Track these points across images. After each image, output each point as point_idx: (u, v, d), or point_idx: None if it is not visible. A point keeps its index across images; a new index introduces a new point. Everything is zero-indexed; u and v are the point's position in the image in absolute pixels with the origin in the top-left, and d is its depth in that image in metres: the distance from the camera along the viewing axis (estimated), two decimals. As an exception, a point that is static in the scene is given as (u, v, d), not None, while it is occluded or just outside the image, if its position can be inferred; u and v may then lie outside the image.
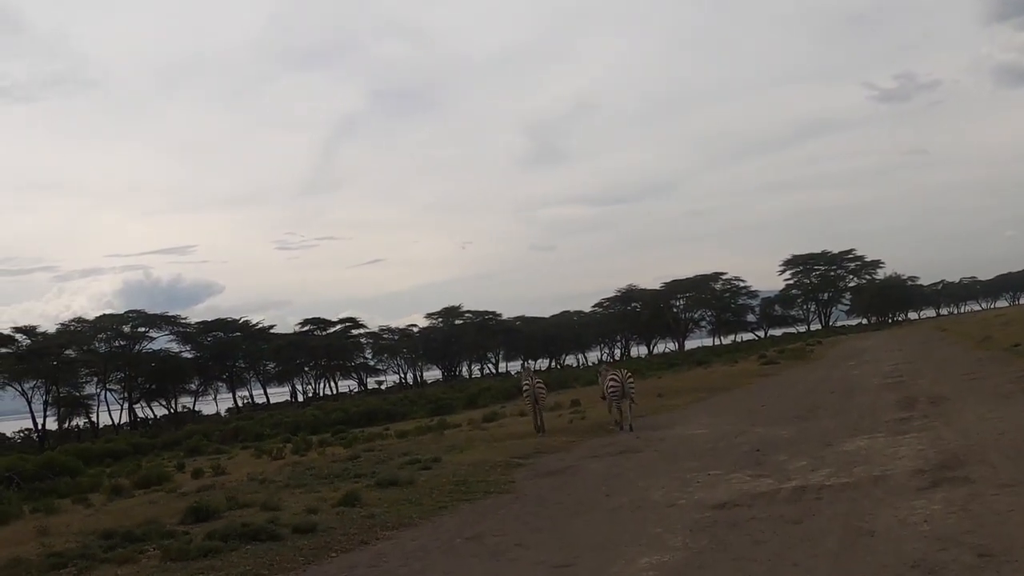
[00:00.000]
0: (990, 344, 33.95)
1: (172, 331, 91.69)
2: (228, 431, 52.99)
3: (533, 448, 18.74)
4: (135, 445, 50.24)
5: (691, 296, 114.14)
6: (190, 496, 17.09)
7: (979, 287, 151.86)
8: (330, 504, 13.72)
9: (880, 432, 14.95)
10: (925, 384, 22.11)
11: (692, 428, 19.52)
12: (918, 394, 19.88)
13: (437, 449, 20.10)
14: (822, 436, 15.54)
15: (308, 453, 26.84)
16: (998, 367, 23.79)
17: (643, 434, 19.44)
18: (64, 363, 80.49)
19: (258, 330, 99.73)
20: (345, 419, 49.22)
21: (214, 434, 51.46)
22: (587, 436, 20.37)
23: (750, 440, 16.22)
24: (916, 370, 27.46)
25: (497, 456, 17.88)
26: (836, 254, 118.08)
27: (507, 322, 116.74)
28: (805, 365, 40.35)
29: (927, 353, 35.75)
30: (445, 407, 48.11)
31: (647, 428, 20.74)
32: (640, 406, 26.65)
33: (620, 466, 15.02)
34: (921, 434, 14.00)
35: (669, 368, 58.28)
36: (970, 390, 19.09)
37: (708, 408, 24.34)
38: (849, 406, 19.78)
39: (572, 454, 17.59)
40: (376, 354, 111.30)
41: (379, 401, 63.33)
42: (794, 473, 12.13)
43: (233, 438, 49.09)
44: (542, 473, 15.36)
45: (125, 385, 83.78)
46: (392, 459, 19.27)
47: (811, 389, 25.99)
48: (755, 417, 20.21)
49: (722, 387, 31.44)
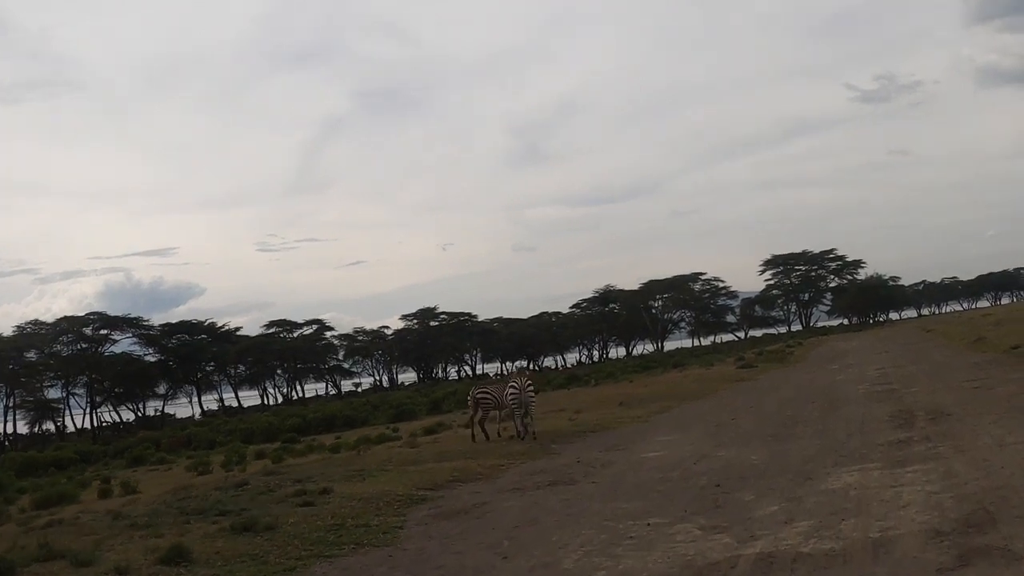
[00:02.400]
0: (984, 346, 30.88)
1: (135, 334, 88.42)
2: (177, 439, 50.54)
3: (450, 475, 15.40)
4: (83, 453, 47.43)
5: (669, 297, 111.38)
6: (36, 532, 13.74)
7: (960, 287, 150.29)
8: (152, 560, 10.38)
9: (873, 461, 11.70)
10: (921, 394, 18.89)
11: (647, 448, 16.24)
12: (914, 407, 16.65)
13: (341, 474, 16.71)
14: (800, 464, 12.30)
15: (238, 467, 23.94)
16: (1002, 373, 20.63)
17: (588, 456, 16.16)
18: (24, 367, 78.41)
19: (224, 332, 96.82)
20: (302, 426, 46.64)
21: (163, 442, 49.35)
22: (521, 458, 17.06)
23: (712, 468, 12.95)
24: (907, 376, 24.30)
25: (402, 486, 14.53)
26: (817, 254, 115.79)
27: (484, 323, 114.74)
28: (784, 369, 37.18)
29: (916, 356, 32.63)
30: (407, 413, 45.44)
31: (597, 447, 17.50)
32: (597, 418, 23.50)
33: (541, 505, 11.71)
34: (927, 466, 10.74)
35: (644, 371, 55.36)
36: (977, 402, 15.87)
37: (672, 421, 21.08)
38: (833, 421, 16.55)
39: (493, 484, 14.27)
40: (348, 356, 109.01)
41: (341, 406, 60.50)
42: (760, 526, 8.86)
43: (183, 445, 46.77)
44: (443, 514, 12.03)
45: (88, 389, 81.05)
46: (283, 487, 15.90)
47: (790, 398, 22.79)
48: (723, 434, 16.97)
49: (693, 394, 28.22)
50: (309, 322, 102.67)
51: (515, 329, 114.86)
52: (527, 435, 20.06)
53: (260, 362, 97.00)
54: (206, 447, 41.67)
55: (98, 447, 53.60)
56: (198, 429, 55.32)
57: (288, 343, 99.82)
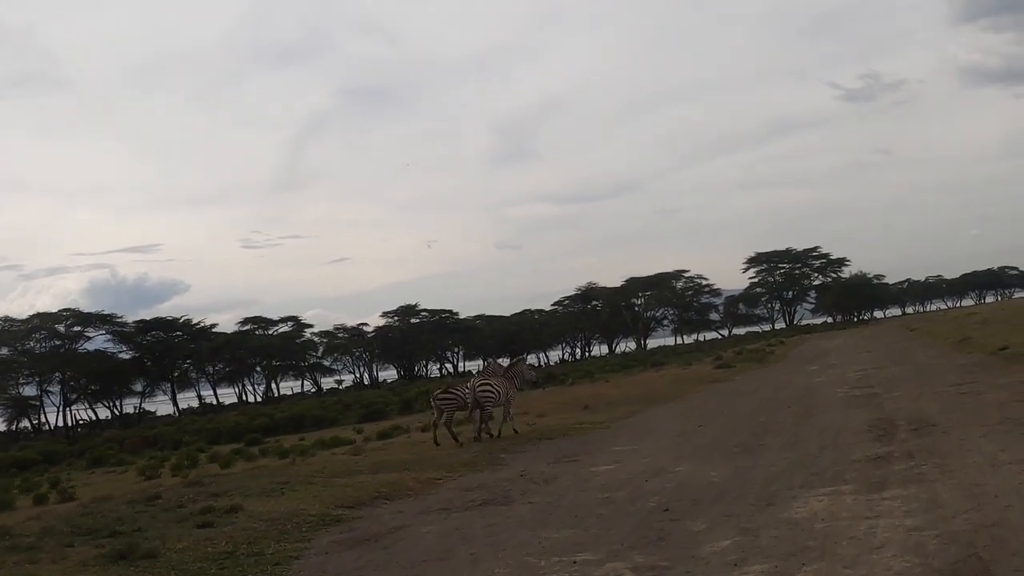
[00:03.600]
0: (970, 346, 29.44)
1: (109, 331, 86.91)
2: (140, 439, 49.16)
3: (378, 490, 13.76)
4: (47, 453, 45.82)
5: (651, 294, 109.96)
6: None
7: (945, 286, 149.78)
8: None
9: (847, 482, 10.12)
10: (903, 400, 17.34)
11: (600, 460, 14.64)
12: (896, 415, 15.09)
13: (261, 488, 15.02)
14: (764, 484, 10.72)
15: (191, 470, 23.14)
16: (991, 377, 19.12)
17: (535, 468, 14.55)
18: (-5, 363, 77.42)
19: (200, 329, 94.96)
20: (269, 426, 45.18)
21: (126, 442, 48.04)
22: (463, 469, 15.44)
23: (665, 487, 11.35)
24: (889, 378, 22.79)
25: (320, 504, 12.90)
26: (800, 252, 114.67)
27: (465, 321, 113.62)
28: (763, 369, 35.68)
29: (899, 357, 31.16)
30: (378, 412, 43.93)
31: (548, 457, 15.90)
32: (559, 423, 21.95)
33: (463, 532, 10.08)
34: (908, 490, 9.15)
35: (623, 369, 53.91)
36: (964, 411, 14.33)
37: (636, 427, 19.50)
38: (806, 431, 14.98)
39: (421, 502, 12.64)
40: (326, 353, 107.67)
41: (311, 405, 58.91)
42: (704, 568, 7.27)
43: (147, 446, 45.40)
44: (350, 540, 10.40)
45: (62, 387, 79.46)
46: (196, 501, 14.25)
47: (764, 402, 21.24)
48: (686, 444, 15.39)
49: (664, 397, 26.67)
50: (284, 319, 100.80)
51: (497, 327, 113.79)
52: (483, 436, 19.59)
53: (238, 360, 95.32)
54: (172, 447, 40.35)
55: (64, 447, 52.08)
56: (165, 429, 53.83)
57: (264, 340, 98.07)
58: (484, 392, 19.87)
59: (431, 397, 21.06)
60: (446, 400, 20.12)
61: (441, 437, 19.79)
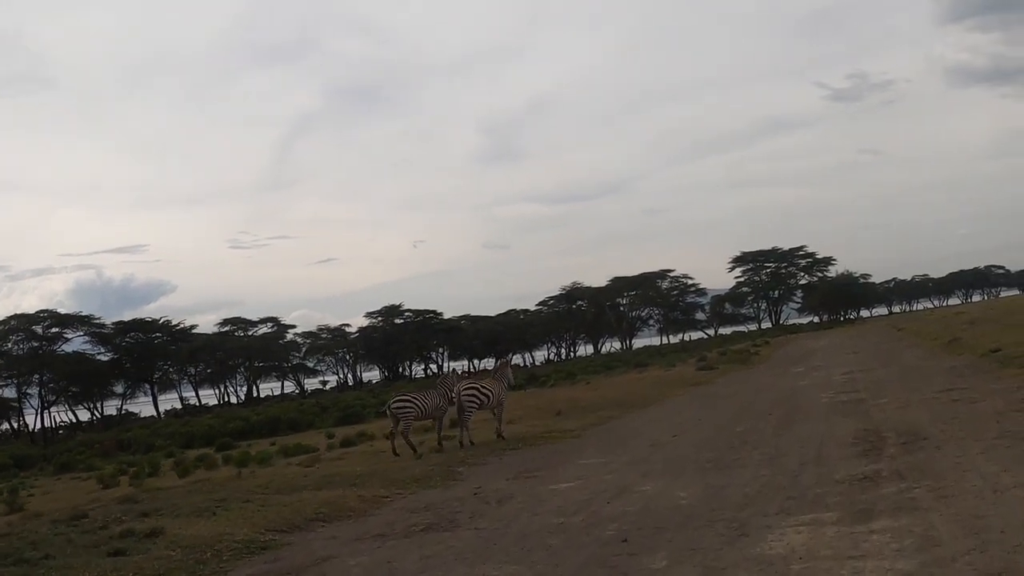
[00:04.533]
0: (960, 348, 28.36)
1: (87, 332, 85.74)
2: (111, 443, 48.12)
3: (318, 510, 12.48)
4: (19, 458, 44.58)
5: (636, 294, 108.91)
6: None
7: (931, 285, 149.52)
8: None
9: (829, 507, 8.93)
10: (891, 407, 16.18)
11: (562, 476, 13.40)
12: (883, 425, 13.92)
13: (194, 506, 13.74)
14: (737, 508, 9.52)
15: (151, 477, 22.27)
16: (983, 382, 17.99)
17: (491, 485, 13.31)
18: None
19: (180, 331, 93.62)
20: (245, 429, 44.07)
21: (96, 446, 47.01)
22: (415, 486, 14.19)
23: (626, 511, 10.14)
24: (876, 382, 21.66)
25: (250, 526, 11.62)
26: (787, 251, 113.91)
27: (450, 321, 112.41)
28: (746, 371, 34.54)
29: (886, 358, 30.08)
30: (354, 416, 42.70)
31: (508, 471, 14.68)
32: (527, 431, 20.72)
33: (391, 567, 8.85)
34: (899, 521, 7.95)
35: (607, 370, 52.82)
36: (958, 421, 13.16)
37: (607, 437, 18.28)
38: (787, 442, 13.80)
39: (359, 526, 11.40)
40: (308, 354, 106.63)
41: (288, 408, 57.74)
42: (658, 626, 6.05)
43: (120, 449, 44.37)
44: (270, 574, 9.15)
45: (40, 388, 77.92)
46: (123, 521, 12.99)
47: (744, 408, 20.07)
48: (657, 457, 14.18)
49: (641, 401, 25.49)
50: (264, 320, 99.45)
51: (482, 327, 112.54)
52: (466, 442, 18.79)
53: (220, 361, 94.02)
54: (144, 451, 39.13)
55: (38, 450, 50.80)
56: (139, 432, 52.63)
57: (243, 342, 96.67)
58: (469, 397, 18.87)
59: (386, 406, 19.93)
60: (403, 408, 18.90)
61: (400, 447, 18.57)
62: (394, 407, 19.06)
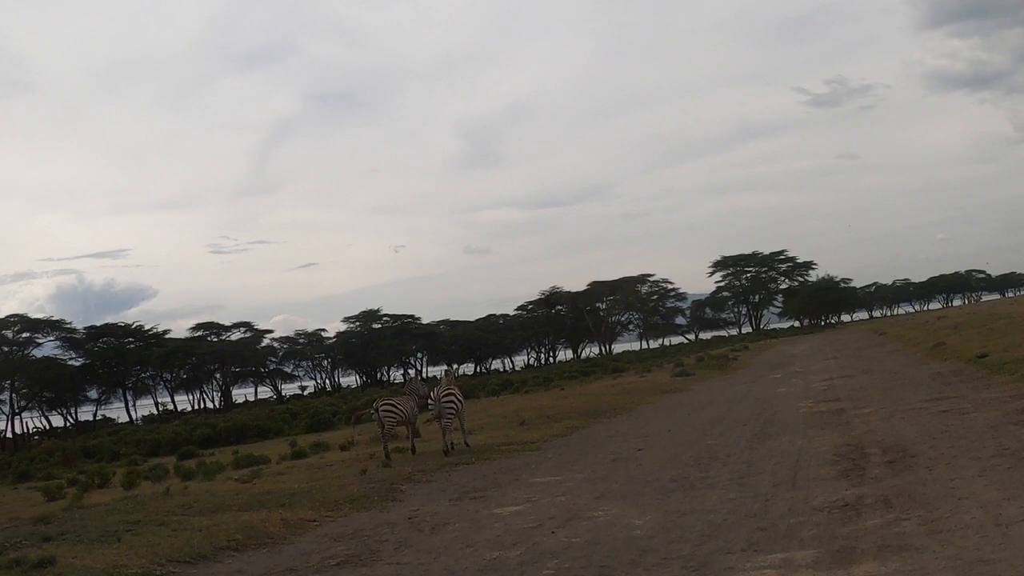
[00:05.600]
0: (945, 353, 27.16)
1: (58, 337, 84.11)
2: (73, 451, 46.30)
3: (233, 536, 11.00)
4: None
5: (615, 299, 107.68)
6: None
7: (912, 289, 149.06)
8: None
9: (804, 543, 7.55)
10: (874, 419, 14.85)
11: (510, 498, 11.96)
12: (867, 439, 12.59)
13: (101, 529, 12.23)
14: (699, 539, 8.15)
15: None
16: (973, 390, 16.73)
17: (429, 508, 11.88)
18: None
19: (152, 335, 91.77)
20: (211, 436, 42.39)
21: (57, 454, 45.22)
22: (350, 507, 12.73)
23: (572, 543, 8.74)
24: (858, 389, 20.38)
25: (151, 556, 10.15)
26: (767, 255, 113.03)
27: (429, 326, 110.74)
28: (723, 378, 33.23)
29: (868, 364, 28.86)
30: (324, 423, 41.09)
31: (452, 491, 13.25)
32: (486, 441, 19.34)
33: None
34: (887, 566, 6.56)
35: (583, 376, 51.42)
36: (949, 435, 11.84)
37: (568, 450, 16.87)
38: (761, 459, 12.44)
39: (268, 558, 9.94)
40: (285, 360, 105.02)
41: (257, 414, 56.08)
42: None
43: (86, 457, 42.61)
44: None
45: (12, 394, 76.02)
46: (22, 546, 11.51)
47: (717, 418, 18.72)
48: (617, 475, 12.79)
49: (611, 410, 24.09)
50: (237, 324, 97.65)
51: (461, 332, 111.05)
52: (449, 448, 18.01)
53: (197, 366, 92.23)
54: (109, 459, 37.59)
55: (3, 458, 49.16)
56: (104, 439, 50.99)
57: (216, 347, 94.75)
58: (448, 403, 18.29)
59: (368, 410, 19.73)
60: (388, 414, 18.54)
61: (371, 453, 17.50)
62: (382, 411, 18.60)
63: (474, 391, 50.07)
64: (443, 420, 18.25)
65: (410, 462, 17.19)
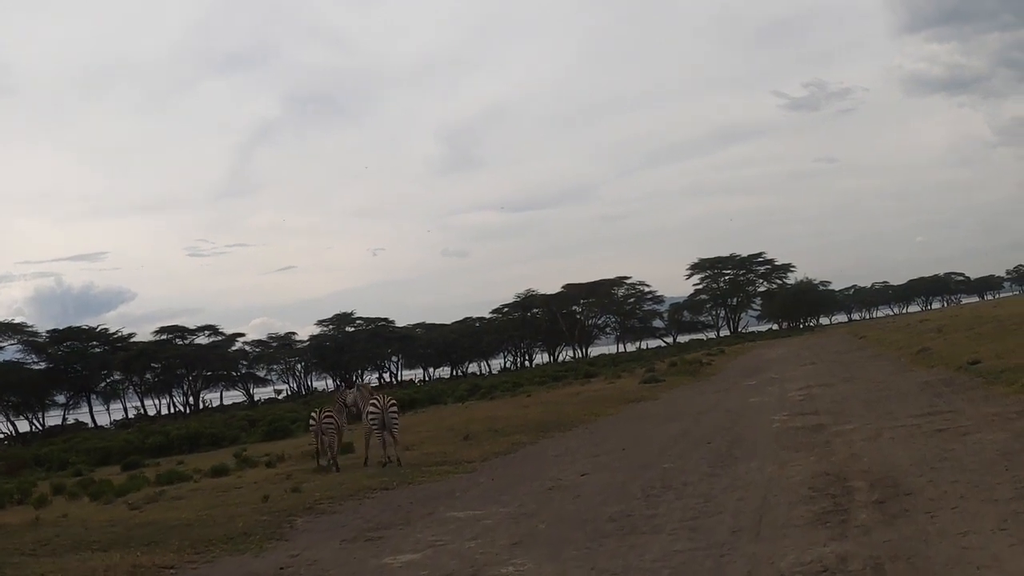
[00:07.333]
0: (932, 359, 25.10)
1: (19, 340, 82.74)
2: (18, 460, 44.10)
3: None
4: None
5: (591, 301, 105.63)
6: None
7: (891, 292, 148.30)
8: None
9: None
10: (858, 437, 12.64)
11: (408, 543, 9.62)
12: (850, 467, 10.37)
13: None
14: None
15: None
16: (971, 403, 14.58)
17: (311, 555, 9.58)
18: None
19: (117, 339, 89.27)
20: (163, 444, 40.28)
21: (1, 463, 43.01)
22: (226, 546, 10.43)
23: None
24: (838, 400, 18.22)
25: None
26: (745, 257, 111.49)
27: (404, 329, 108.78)
28: (693, 385, 31.05)
29: (849, 370, 26.76)
30: (281, 431, 38.87)
31: (352, 528, 10.97)
32: (419, 460, 17.08)
33: None
34: None
35: (554, 381, 49.19)
36: (950, 464, 9.62)
37: (502, 473, 14.58)
38: (721, 491, 10.20)
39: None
40: (255, 363, 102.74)
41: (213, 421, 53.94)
42: None
43: (26, 467, 40.40)
44: None
45: None
46: None
47: (680, 434, 16.49)
48: (548, 509, 10.52)
49: (568, 422, 21.83)
50: (201, 328, 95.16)
51: (437, 335, 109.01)
52: (393, 458, 17.11)
53: (165, 370, 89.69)
54: (58, 468, 35.50)
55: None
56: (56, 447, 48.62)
57: (183, 350, 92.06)
58: (394, 414, 17.47)
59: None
60: (330, 425, 17.69)
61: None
62: (324, 422, 17.81)
63: (442, 396, 47.84)
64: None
65: (328, 484, 14.91)
